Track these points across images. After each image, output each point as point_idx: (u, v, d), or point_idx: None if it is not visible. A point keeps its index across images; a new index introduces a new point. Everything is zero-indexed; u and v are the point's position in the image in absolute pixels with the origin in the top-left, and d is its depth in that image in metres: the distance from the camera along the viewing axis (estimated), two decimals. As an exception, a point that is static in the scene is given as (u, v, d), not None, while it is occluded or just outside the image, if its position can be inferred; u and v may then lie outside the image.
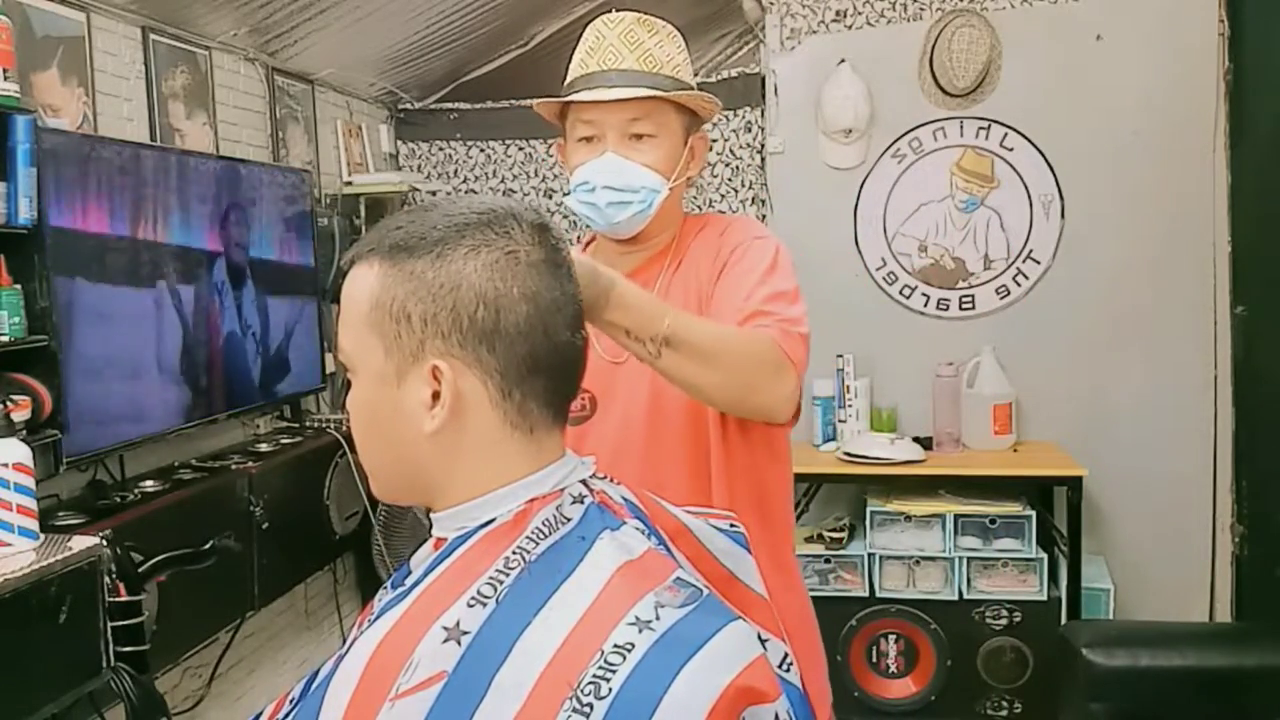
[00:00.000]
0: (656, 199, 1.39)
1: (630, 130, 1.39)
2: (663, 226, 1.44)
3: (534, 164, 4.02)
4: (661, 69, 1.40)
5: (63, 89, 2.38)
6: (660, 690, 0.68)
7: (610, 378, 1.41)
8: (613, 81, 1.38)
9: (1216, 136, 3.18)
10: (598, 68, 1.41)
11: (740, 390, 1.24)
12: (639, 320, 1.15)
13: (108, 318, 2.33)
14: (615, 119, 1.38)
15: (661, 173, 1.39)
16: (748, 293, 1.33)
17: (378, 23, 3.24)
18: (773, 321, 1.29)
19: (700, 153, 1.46)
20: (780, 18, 3.58)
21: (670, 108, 1.40)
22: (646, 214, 1.39)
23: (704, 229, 1.47)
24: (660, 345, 1.16)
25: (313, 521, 3.04)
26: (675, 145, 1.41)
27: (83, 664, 1.93)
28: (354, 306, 0.84)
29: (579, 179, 1.40)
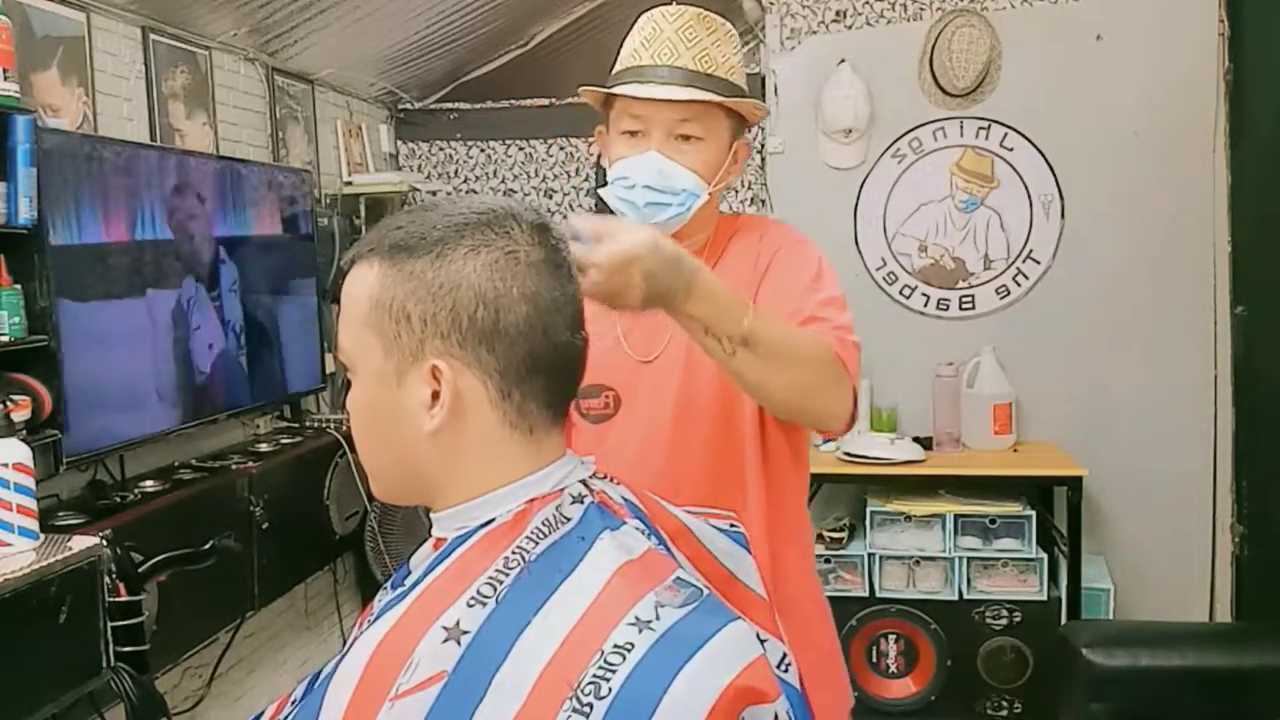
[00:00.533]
0: (695, 203, 1.35)
1: (678, 130, 1.34)
2: (698, 228, 1.40)
3: (534, 164, 4.02)
4: (716, 70, 1.35)
5: (63, 89, 2.38)
6: (660, 690, 0.68)
7: (636, 376, 1.38)
8: (665, 78, 1.34)
9: (1216, 136, 3.18)
10: (650, 61, 1.36)
11: (805, 396, 1.21)
12: (719, 315, 1.10)
13: (108, 318, 2.33)
14: (664, 117, 1.34)
15: (703, 176, 1.35)
16: (798, 299, 1.29)
17: (378, 23, 3.24)
18: (828, 329, 1.25)
19: (743, 158, 1.42)
20: (780, 18, 3.58)
21: (720, 111, 1.36)
22: (684, 217, 1.35)
23: (740, 231, 1.43)
24: (738, 343, 1.11)
25: (313, 521, 3.04)
26: (720, 149, 1.37)
27: (83, 664, 1.93)
28: (354, 306, 0.84)
29: (619, 173, 1.36)
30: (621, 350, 1.39)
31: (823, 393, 1.22)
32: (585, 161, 3.98)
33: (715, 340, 1.11)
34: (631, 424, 1.39)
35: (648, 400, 1.38)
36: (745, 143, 1.42)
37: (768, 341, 1.13)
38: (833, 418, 1.25)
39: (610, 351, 1.37)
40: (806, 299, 1.29)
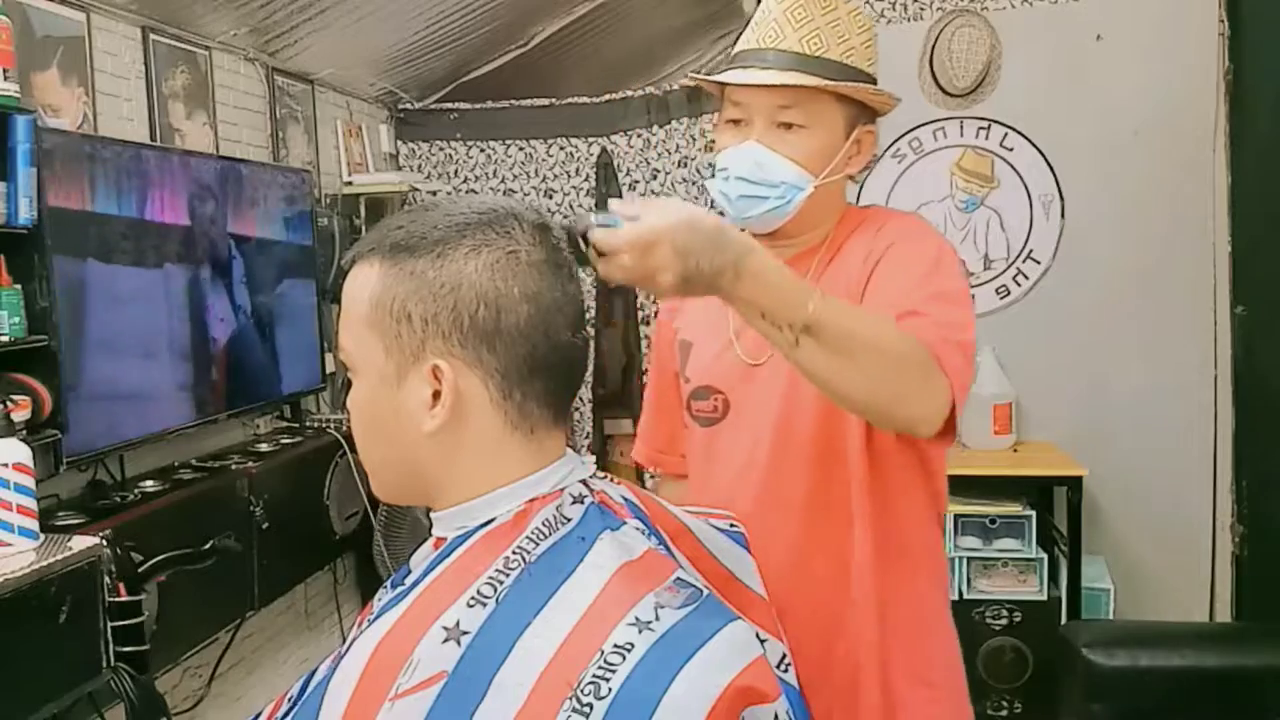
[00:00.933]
0: (798, 197, 1.24)
1: (779, 118, 1.24)
2: (813, 223, 1.29)
3: (534, 164, 4.02)
4: (827, 52, 1.24)
5: (63, 89, 2.38)
6: (660, 690, 0.68)
7: (747, 380, 1.29)
8: (767, 62, 1.24)
9: (1216, 136, 3.18)
10: (756, 45, 1.26)
11: (884, 395, 1.06)
12: (777, 300, 0.98)
13: (107, 317, 2.33)
14: (763, 104, 1.24)
15: (809, 168, 1.24)
16: (905, 293, 1.16)
17: (378, 23, 3.24)
18: (929, 323, 1.11)
19: (867, 148, 1.30)
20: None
21: (828, 97, 1.24)
22: (785, 211, 1.24)
23: (863, 224, 1.31)
24: (800, 332, 0.99)
25: (313, 521, 3.04)
26: (831, 138, 1.25)
27: (83, 664, 1.93)
28: (355, 306, 0.84)
29: (720, 164, 1.27)
30: (733, 351, 1.30)
31: (907, 392, 1.06)
32: (585, 161, 3.98)
33: (776, 329, 1.00)
34: (740, 431, 1.31)
35: (755, 406, 1.29)
36: (870, 131, 1.29)
37: (836, 330, 1.00)
38: (921, 421, 1.09)
39: (723, 353, 1.31)
40: (914, 293, 1.16)
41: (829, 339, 0.99)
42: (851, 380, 1.03)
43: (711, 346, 1.33)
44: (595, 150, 3.96)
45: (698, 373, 1.34)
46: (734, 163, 1.25)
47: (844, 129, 1.26)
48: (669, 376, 1.43)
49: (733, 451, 1.31)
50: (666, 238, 0.91)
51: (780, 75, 1.22)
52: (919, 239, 1.25)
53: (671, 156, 3.83)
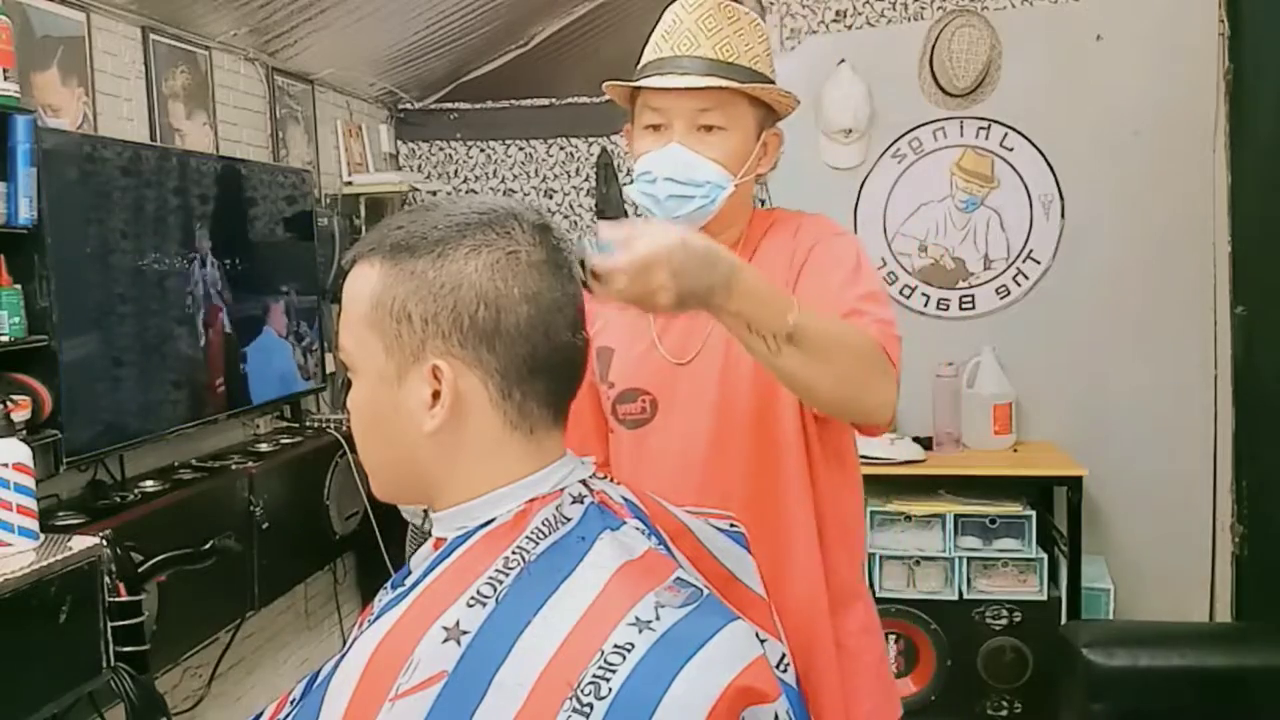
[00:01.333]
0: (721, 195, 1.30)
1: (699, 121, 1.30)
2: (728, 222, 1.35)
3: (534, 164, 4.02)
4: (738, 59, 1.31)
5: (63, 89, 2.38)
6: (660, 690, 0.68)
7: (673, 379, 1.34)
8: (685, 68, 1.30)
9: (1216, 136, 3.18)
10: (670, 53, 1.33)
11: (854, 391, 1.15)
12: (763, 312, 1.04)
13: (107, 317, 2.33)
14: (684, 108, 1.30)
15: (729, 168, 1.30)
16: (837, 294, 1.24)
17: (378, 23, 3.24)
18: (869, 321, 1.21)
19: (773, 149, 1.37)
20: (780, 18, 3.57)
21: (744, 100, 1.31)
22: (709, 210, 1.30)
23: (774, 225, 1.38)
24: (783, 341, 1.06)
25: (313, 521, 3.04)
26: (746, 140, 1.32)
27: (83, 664, 1.93)
28: (355, 306, 0.83)
29: (641, 168, 1.33)
30: (657, 352, 1.35)
31: (870, 386, 1.17)
32: (585, 161, 3.98)
33: (760, 338, 1.06)
34: (670, 429, 1.35)
35: (685, 404, 1.34)
36: (776, 134, 1.37)
37: (814, 337, 1.07)
38: (880, 409, 1.20)
39: (646, 354, 1.36)
40: (846, 293, 1.24)
41: (809, 345, 1.07)
42: (826, 380, 1.12)
43: (634, 349, 1.37)
44: (595, 150, 3.96)
45: (622, 376, 1.38)
46: (658, 165, 1.30)
47: (755, 131, 1.33)
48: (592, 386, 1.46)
49: (665, 451, 1.34)
50: (663, 260, 0.95)
51: (703, 79, 1.28)
52: (836, 240, 1.33)
53: (671, 156, 3.82)
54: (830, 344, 1.10)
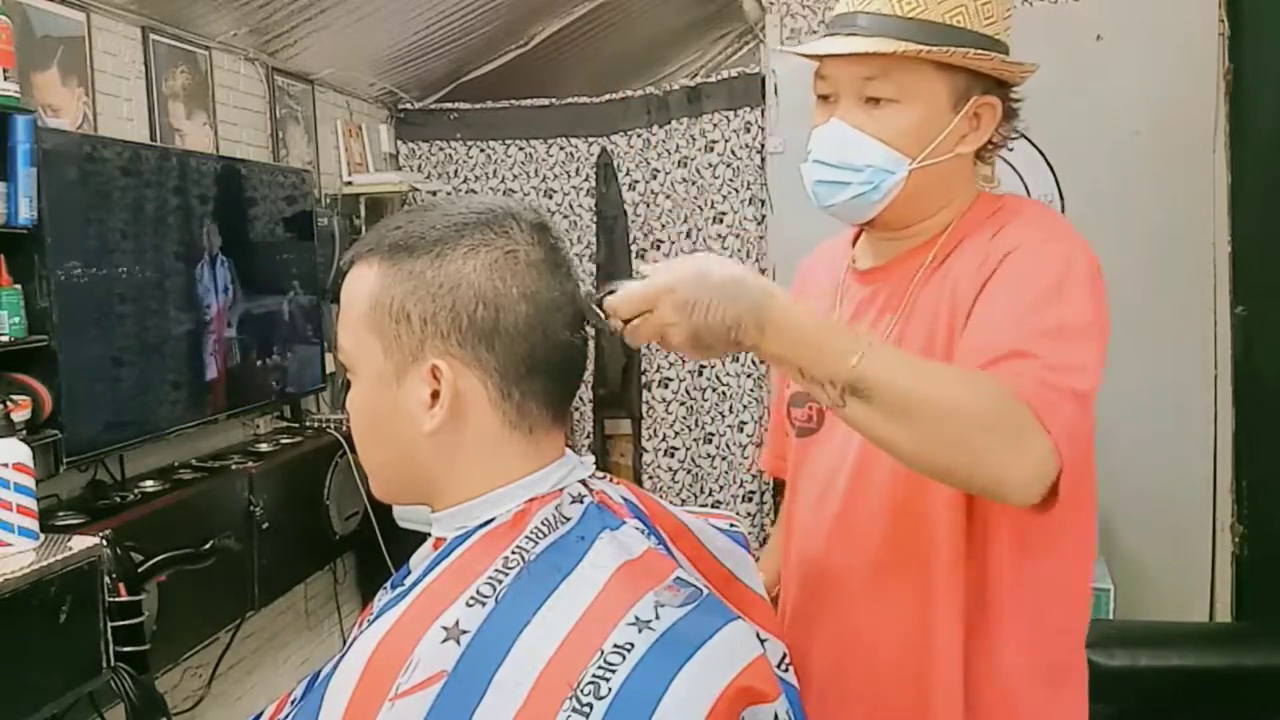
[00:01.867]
0: (888, 182, 1.07)
1: (865, 92, 1.07)
2: (925, 211, 1.11)
3: (534, 164, 4.02)
4: (925, 11, 1.05)
5: (63, 89, 2.38)
6: (660, 690, 0.68)
7: None
8: (854, 27, 1.08)
9: (1216, 136, 3.18)
10: (845, 7, 1.11)
11: (956, 462, 0.89)
12: (812, 355, 0.87)
13: (107, 317, 2.33)
14: (848, 77, 1.08)
15: (903, 149, 1.07)
16: (1013, 322, 0.97)
17: (378, 23, 3.24)
18: (1032, 368, 0.93)
19: (988, 122, 1.10)
20: (780, 18, 3.57)
21: (928, 65, 1.05)
22: (873, 200, 1.09)
23: (990, 217, 1.11)
24: (844, 393, 0.87)
25: (313, 521, 3.04)
26: (930, 113, 1.07)
27: (83, 664, 1.93)
28: (354, 306, 0.84)
29: (809, 146, 1.13)
30: None
31: (988, 457, 0.88)
32: (585, 161, 3.98)
33: (819, 386, 0.88)
34: (830, 445, 1.14)
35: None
36: (990, 102, 1.09)
37: (888, 388, 0.86)
38: (1011, 488, 0.90)
39: None
40: (1023, 324, 0.96)
41: (880, 399, 0.86)
42: (914, 446, 0.89)
43: None
44: (595, 150, 3.96)
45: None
46: (815, 144, 1.11)
47: (949, 101, 1.07)
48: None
49: (817, 471, 1.16)
50: (665, 293, 0.85)
51: (858, 42, 1.06)
52: (1042, 248, 1.03)
53: (671, 156, 3.82)
54: (915, 401, 0.87)
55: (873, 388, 0.86)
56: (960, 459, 0.89)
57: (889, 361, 0.88)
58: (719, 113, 3.71)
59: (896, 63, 1.05)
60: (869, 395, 0.86)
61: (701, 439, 3.84)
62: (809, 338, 0.87)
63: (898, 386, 0.87)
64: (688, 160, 3.80)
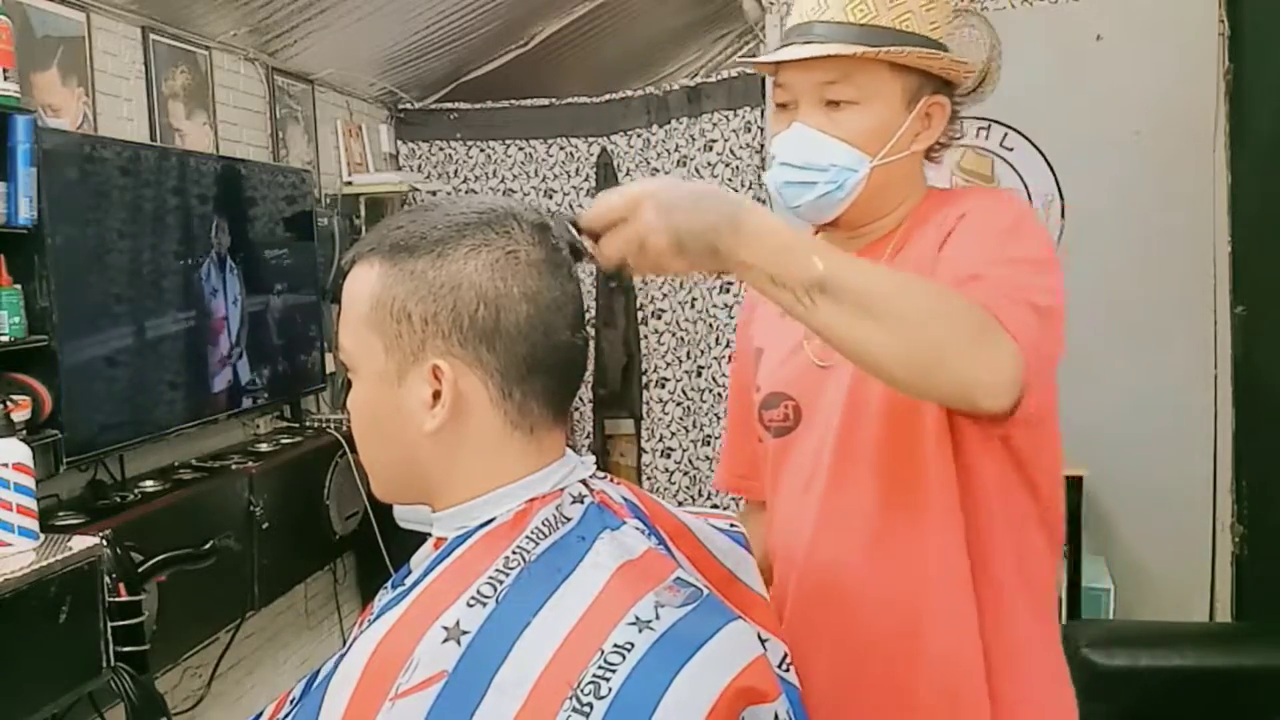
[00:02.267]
0: (853, 179, 1.12)
1: (826, 96, 1.12)
2: (882, 209, 1.17)
3: (534, 164, 4.02)
4: (877, 18, 1.10)
5: (63, 89, 2.38)
6: (660, 690, 0.68)
7: (817, 382, 1.17)
8: (811, 35, 1.12)
9: (1216, 136, 3.18)
10: (800, 19, 1.14)
11: (923, 357, 0.91)
12: (783, 260, 0.89)
13: (107, 317, 2.33)
14: (806, 82, 1.12)
15: (863, 148, 1.11)
16: (970, 256, 1.04)
17: (378, 23, 3.24)
18: (987, 285, 0.98)
19: (939, 121, 1.16)
20: (780, 18, 3.57)
21: (884, 67, 1.11)
22: (839, 198, 1.13)
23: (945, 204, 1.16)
24: (812, 291, 0.88)
25: (313, 521, 3.04)
26: (888, 113, 1.12)
27: (83, 664, 1.93)
28: (354, 306, 0.84)
29: (771, 153, 1.17)
30: (803, 352, 1.19)
31: (953, 352, 0.91)
32: (585, 161, 3.98)
33: (789, 292, 0.89)
34: (808, 442, 1.18)
35: (823, 413, 1.16)
36: (940, 102, 1.15)
37: (854, 286, 0.89)
38: (978, 389, 0.93)
39: (792, 354, 1.20)
40: (978, 255, 1.03)
41: (847, 297, 0.88)
42: (881, 343, 0.90)
43: (781, 349, 1.23)
44: (595, 150, 3.96)
45: (767, 379, 1.24)
46: (779, 148, 1.15)
47: (903, 102, 1.13)
48: (747, 390, 1.29)
49: (799, 465, 1.18)
50: (647, 196, 0.87)
51: (816, 48, 1.10)
52: (995, 206, 1.11)
53: (671, 156, 3.82)
54: (885, 298, 0.90)
55: (840, 285, 0.88)
56: (929, 356, 0.91)
57: (851, 263, 0.93)
58: (718, 112, 3.71)
59: (856, 65, 1.10)
60: (837, 293, 0.88)
61: (699, 440, 3.84)
62: (782, 241, 0.89)
63: (865, 284, 0.90)
64: (687, 160, 3.80)
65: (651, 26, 4.13)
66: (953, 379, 0.92)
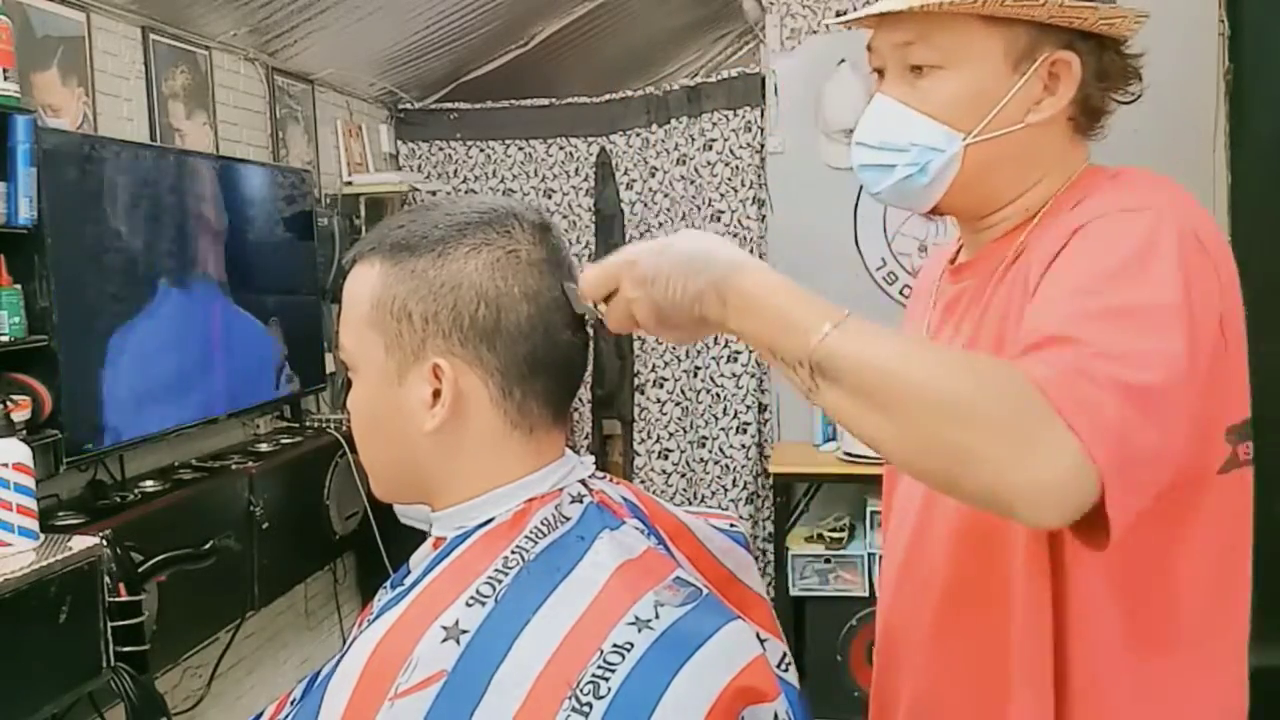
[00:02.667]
0: (938, 161, 0.92)
1: (908, 60, 0.93)
2: (1000, 195, 0.96)
3: (534, 164, 4.02)
4: None
5: (63, 89, 2.38)
6: (659, 690, 0.68)
7: None
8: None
9: (1216, 136, 3.18)
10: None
11: (942, 460, 0.74)
12: (778, 331, 0.76)
13: (107, 317, 2.33)
14: (887, 44, 0.95)
15: (951, 121, 0.92)
16: (1063, 304, 0.80)
17: (378, 23, 3.24)
18: (1070, 356, 0.75)
19: (1067, 80, 0.91)
20: (780, 18, 3.58)
21: (972, 22, 0.90)
22: (921, 183, 0.94)
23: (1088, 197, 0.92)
24: (813, 373, 0.75)
25: (313, 521, 3.04)
26: (984, 78, 0.91)
27: (83, 664, 1.93)
28: (355, 305, 0.84)
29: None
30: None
31: (977, 455, 0.72)
32: (585, 161, 3.98)
33: (791, 369, 0.77)
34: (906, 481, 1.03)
35: None
36: (1064, 59, 0.91)
37: (861, 369, 0.74)
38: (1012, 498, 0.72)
39: None
40: (1069, 305, 0.79)
41: (850, 381, 0.74)
42: (893, 440, 0.75)
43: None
44: (595, 150, 3.96)
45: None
46: (860, 125, 0.98)
47: (1008, 62, 0.91)
48: None
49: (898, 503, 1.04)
50: (625, 268, 0.80)
51: (881, 3, 0.92)
52: (1121, 218, 0.85)
53: (670, 156, 3.82)
54: (892, 383, 0.73)
55: (842, 367, 0.74)
56: (947, 458, 0.73)
57: (866, 338, 0.75)
58: (718, 112, 3.71)
59: (932, 21, 0.90)
60: (838, 376, 0.74)
61: (696, 442, 3.84)
62: (776, 311, 0.77)
63: (871, 366, 0.74)
64: (686, 159, 3.80)
65: (651, 26, 4.13)
66: (982, 485, 0.73)
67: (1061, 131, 0.95)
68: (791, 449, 3.55)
